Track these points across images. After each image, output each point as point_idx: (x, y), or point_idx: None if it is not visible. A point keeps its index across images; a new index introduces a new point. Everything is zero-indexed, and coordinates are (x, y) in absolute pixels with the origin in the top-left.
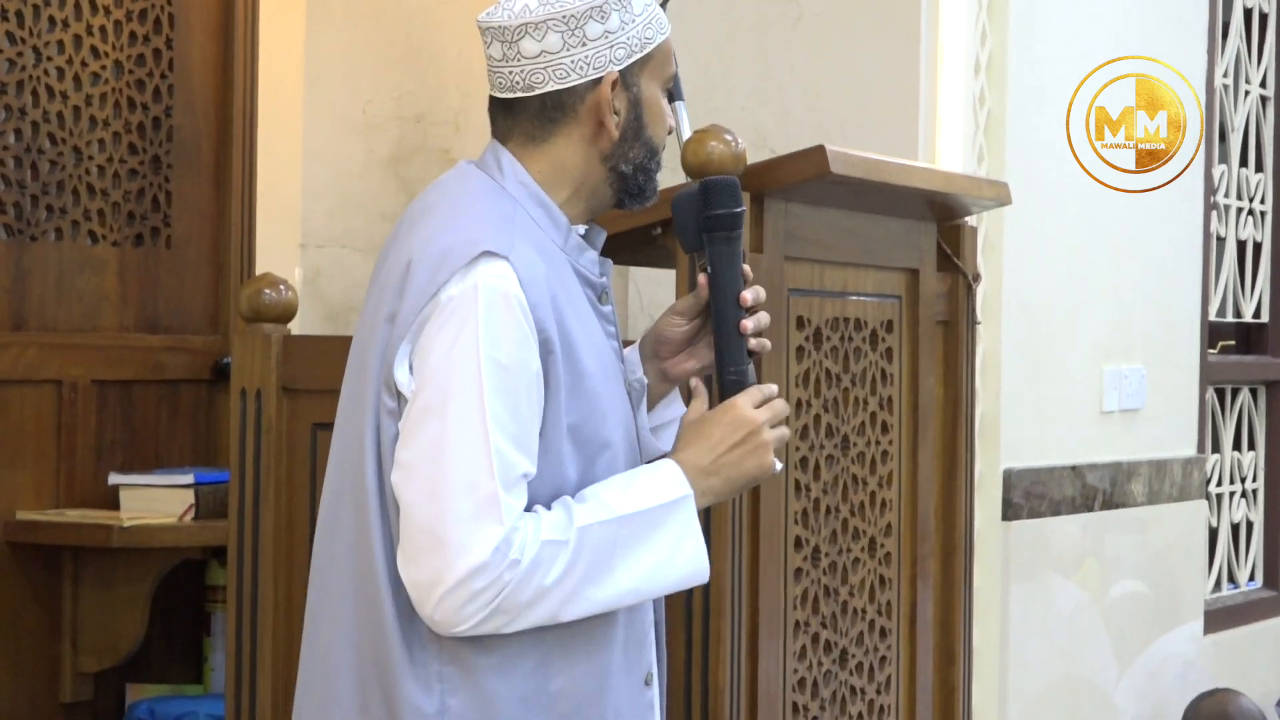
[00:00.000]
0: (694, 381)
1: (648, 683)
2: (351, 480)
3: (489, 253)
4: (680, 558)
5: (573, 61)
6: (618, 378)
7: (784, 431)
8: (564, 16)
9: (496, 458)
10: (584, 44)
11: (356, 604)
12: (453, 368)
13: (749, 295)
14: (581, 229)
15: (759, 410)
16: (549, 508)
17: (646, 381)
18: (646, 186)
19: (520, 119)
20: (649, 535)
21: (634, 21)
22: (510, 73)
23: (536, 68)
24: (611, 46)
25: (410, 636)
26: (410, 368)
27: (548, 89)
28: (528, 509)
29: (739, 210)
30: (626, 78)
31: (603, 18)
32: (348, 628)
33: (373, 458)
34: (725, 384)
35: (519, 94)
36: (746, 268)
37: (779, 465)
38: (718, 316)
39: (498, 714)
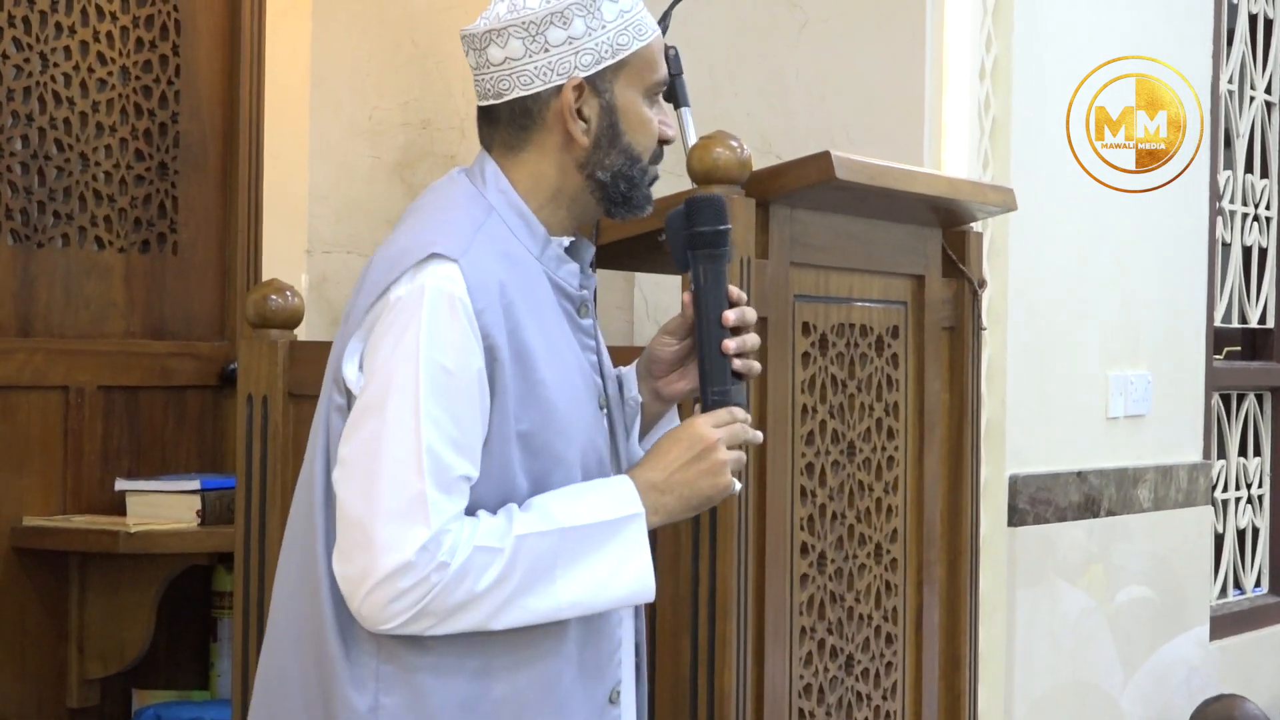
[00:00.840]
0: (697, 409)
1: (613, 701)
2: (305, 477)
3: (439, 255)
4: (624, 575)
5: (535, 68)
6: (588, 391)
7: (741, 455)
8: (525, 23)
9: (428, 458)
10: (546, 50)
11: (303, 600)
12: (394, 367)
13: (731, 315)
14: (565, 241)
15: (717, 429)
16: (494, 514)
17: (641, 400)
18: (632, 195)
19: (497, 127)
20: (593, 550)
21: (604, 27)
22: (483, 80)
23: (503, 74)
24: (576, 53)
25: (348, 634)
26: (361, 365)
27: (514, 95)
28: (472, 514)
29: (722, 228)
30: (596, 84)
31: (565, 24)
32: (295, 625)
33: (322, 454)
34: (708, 404)
35: (491, 101)
36: (735, 289)
37: (737, 485)
38: (701, 336)
39: (433, 716)
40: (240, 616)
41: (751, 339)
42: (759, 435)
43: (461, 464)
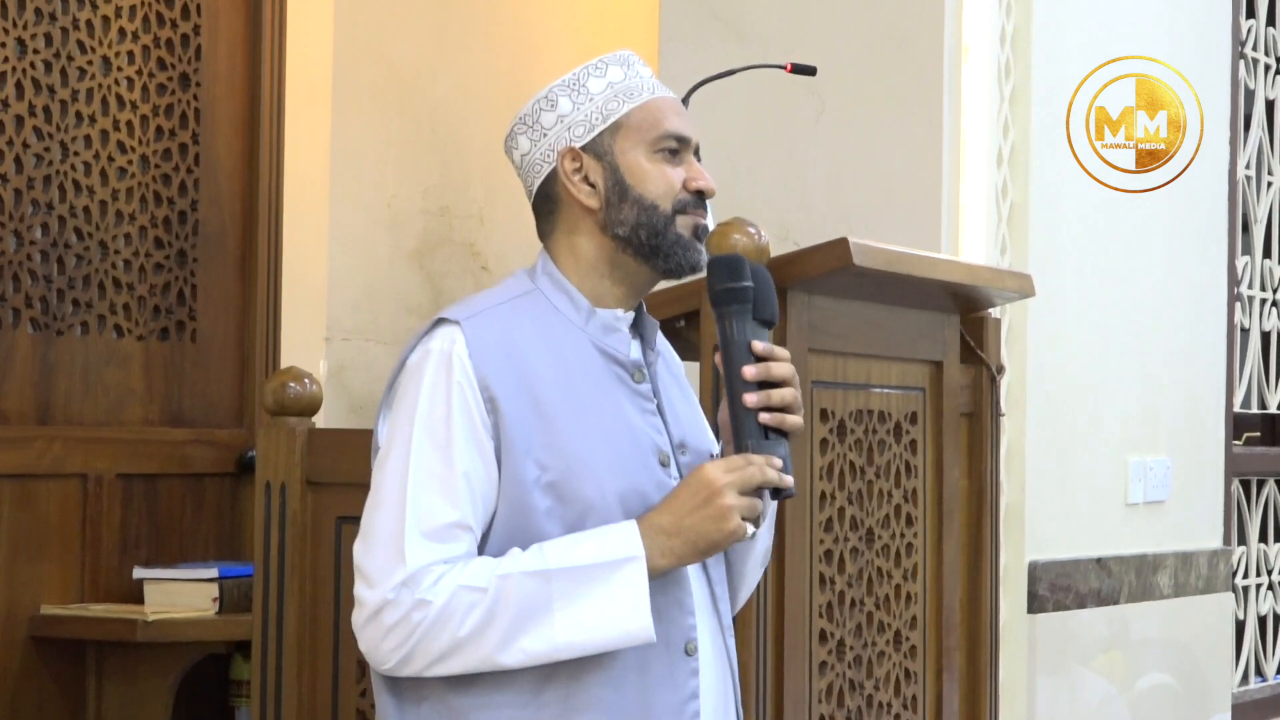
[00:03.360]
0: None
1: (689, 652)
2: None
3: (444, 320)
4: (619, 616)
5: (541, 154)
6: (639, 448)
7: (754, 501)
8: (522, 118)
9: (412, 505)
10: (544, 135)
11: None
12: (398, 426)
13: (749, 370)
14: (620, 313)
15: (727, 474)
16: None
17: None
18: (658, 243)
19: (540, 219)
20: (590, 590)
21: (590, 99)
22: (522, 182)
23: (525, 171)
24: (569, 128)
25: (395, 685)
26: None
27: (536, 185)
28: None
29: (736, 286)
30: (595, 149)
31: (552, 106)
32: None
33: None
34: None
35: (530, 199)
36: (759, 343)
37: (750, 530)
38: (729, 392)
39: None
40: (258, 705)
41: (779, 393)
42: (786, 480)
43: (452, 512)
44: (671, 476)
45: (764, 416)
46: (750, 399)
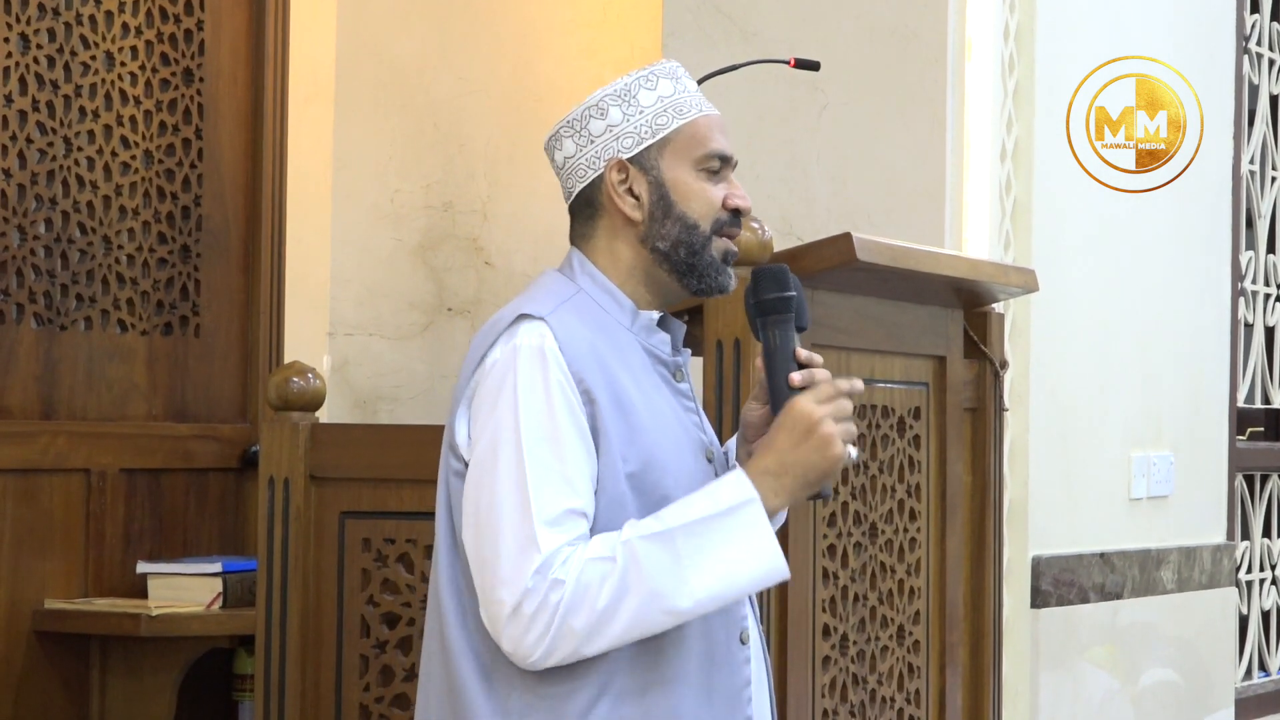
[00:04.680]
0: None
1: (743, 640)
2: (435, 545)
3: (527, 316)
4: (753, 557)
5: (587, 160)
6: (692, 443)
7: (850, 427)
8: (570, 122)
9: (535, 496)
10: (591, 141)
11: (442, 660)
12: (498, 422)
13: (797, 377)
14: (655, 315)
15: (821, 405)
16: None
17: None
18: (695, 262)
19: (576, 222)
20: (716, 541)
21: (640, 112)
22: (561, 183)
23: (567, 174)
24: (617, 138)
25: (489, 680)
26: (470, 430)
27: (577, 189)
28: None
29: (785, 295)
30: (642, 163)
31: (602, 114)
32: (436, 686)
33: (445, 517)
34: None
35: (567, 200)
36: (803, 350)
37: (853, 453)
38: (773, 397)
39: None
40: (261, 699)
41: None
42: (859, 383)
43: (569, 499)
44: (711, 473)
45: None
46: None
